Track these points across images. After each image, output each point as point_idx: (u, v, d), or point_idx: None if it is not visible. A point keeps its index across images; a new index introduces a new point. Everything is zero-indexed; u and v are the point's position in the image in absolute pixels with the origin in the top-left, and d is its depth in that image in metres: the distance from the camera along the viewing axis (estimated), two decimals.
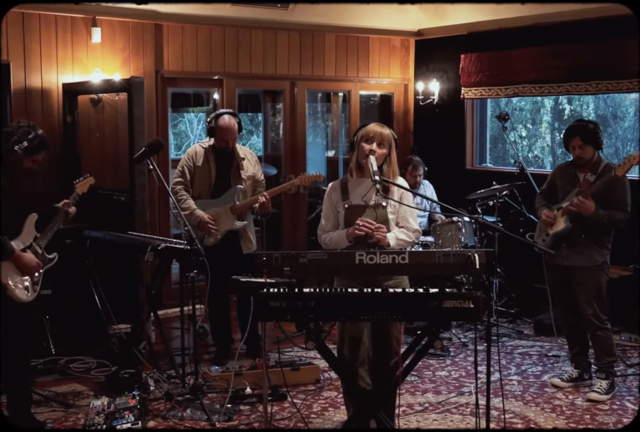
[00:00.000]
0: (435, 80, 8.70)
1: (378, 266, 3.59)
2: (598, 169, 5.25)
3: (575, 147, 5.28)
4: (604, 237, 5.29)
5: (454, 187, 7.56)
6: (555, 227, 5.35)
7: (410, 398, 5.28)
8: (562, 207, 5.32)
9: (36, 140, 4.50)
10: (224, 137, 5.74)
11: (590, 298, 5.26)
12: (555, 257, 5.32)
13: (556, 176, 5.56)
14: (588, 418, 4.92)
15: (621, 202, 5.21)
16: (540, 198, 5.65)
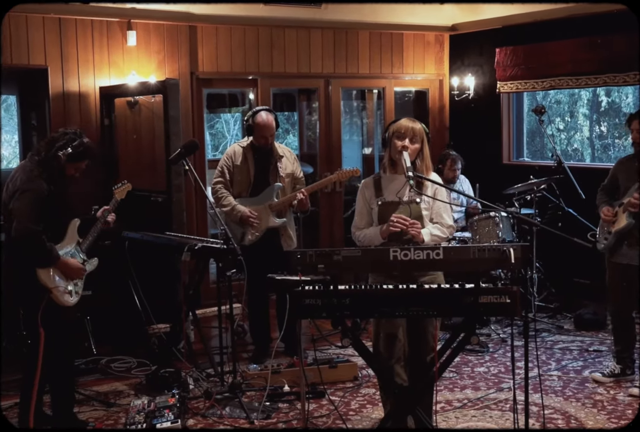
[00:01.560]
0: (471, 75, 8.65)
1: (412, 262, 3.58)
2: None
3: (634, 130, 5.19)
4: None
5: (491, 182, 7.51)
6: (617, 224, 5.21)
7: (449, 394, 5.26)
8: (624, 204, 5.18)
9: (80, 148, 4.51)
10: (263, 133, 5.76)
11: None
12: (616, 255, 5.22)
13: (617, 171, 5.39)
14: (630, 413, 4.86)
15: None
16: (602, 194, 5.49)
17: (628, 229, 5.14)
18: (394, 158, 4.23)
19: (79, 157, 4.52)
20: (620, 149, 10.94)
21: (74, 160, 4.51)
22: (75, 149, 4.47)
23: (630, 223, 5.11)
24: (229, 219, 5.84)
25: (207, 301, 6.87)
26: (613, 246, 5.20)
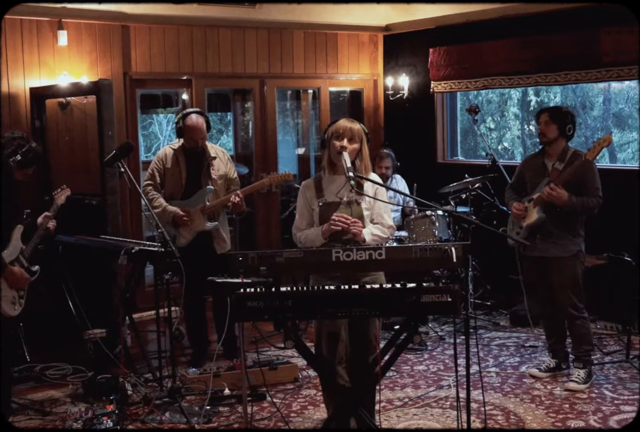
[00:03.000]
0: (405, 74, 8.70)
1: (355, 262, 3.58)
2: (566, 157, 5.27)
3: (541, 123, 5.35)
4: (577, 226, 5.31)
5: (426, 181, 7.57)
6: (528, 219, 5.35)
7: (390, 393, 5.27)
8: (534, 199, 5.32)
9: (30, 154, 4.39)
10: (193, 136, 5.70)
11: (567, 288, 5.28)
12: (530, 249, 5.33)
13: (524, 168, 5.57)
14: (567, 407, 4.95)
15: (592, 189, 5.22)
16: (510, 192, 5.65)
17: (539, 223, 5.27)
18: (333, 159, 4.23)
19: (28, 164, 4.42)
20: None
21: (23, 167, 4.39)
22: (24, 156, 4.36)
23: (541, 217, 5.25)
24: (161, 220, 5.76)
25: (143, 304, 6.77)
26: (525, 240, 5.30)
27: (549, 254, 5.29)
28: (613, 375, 5.50)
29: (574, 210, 5.20)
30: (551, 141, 5.32)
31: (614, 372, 5.56)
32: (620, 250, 6.17)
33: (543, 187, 5.23)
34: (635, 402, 4.98)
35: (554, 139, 5.31)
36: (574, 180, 5.16)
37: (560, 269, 5.29)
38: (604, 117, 10.59)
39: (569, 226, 5.28)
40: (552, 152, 5.35)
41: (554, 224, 5.26)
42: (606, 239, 6.52)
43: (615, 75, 6.80)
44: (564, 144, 5.33)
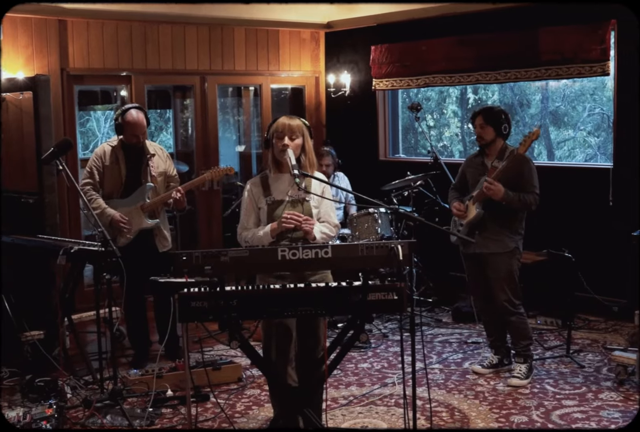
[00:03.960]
0: (347, 72, 8.70)
1: (301, 261, 3.55)
2: (504, 155, 5.31)
3: (477, 126, 5.40)
4: (516, 223, 5.36)
5: (368, 179, 7.58)
6: (468, 216, 5.39)
7: (335, 392, 5.25)
8: (473, 196, 5.36)
9: None
10: (133, 132, 5.61)
11: (503, 284, 5.33)
12: (469, 245, 5.37)
13: (466, 168, 5.60)
14: (510, 403, 4.99)
15: (529, 185, 5.28)
16: (453, 192, 5.68)
17: (478, 219, 5.32)
18: (278, 158, 4.18)
19: None
20: None
21: None
22: None
23: (480, 213, 5.30)
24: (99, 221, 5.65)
25: (82, 305, 6.63)
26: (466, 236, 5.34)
27: (486, 250, 5.34)
28: (554, 370, 5.57)
29: (512, 205, 5.24)
30: (489, 143, 5.37)
31: (555, 367, 5.64)
32: (559, 246, 6.25)
33: (482, 185, 5.27)
34: (576, 396, 5.05)
35: (492, 140, 5.36)
36: (510, 176, 5.20)
37: (496, 265, 5.33)
38: (542, 115, 10.75)
39: (508, 223, 5.33)
40: (491, 151, 5.40)
41: (493, 220, 5.30)
42: (546, 235, 6.61)
43: (554, 73, 6.90)
44: (502, 143, 5.38)
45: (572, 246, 6.23)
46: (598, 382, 5.30)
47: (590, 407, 4.87)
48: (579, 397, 5.04)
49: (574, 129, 11.06)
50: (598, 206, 6.71)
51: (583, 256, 6.27)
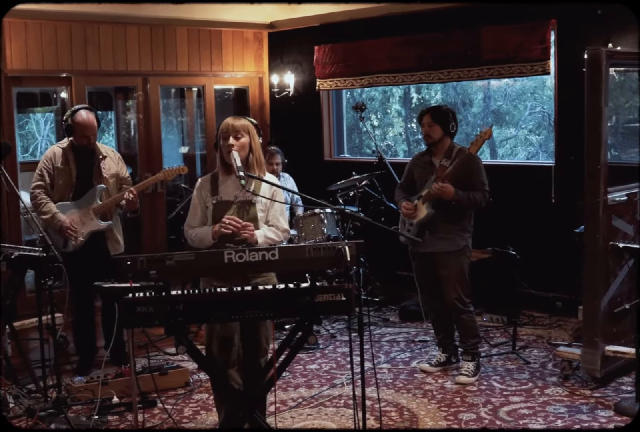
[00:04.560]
0: (290, 72, 8.68)
1: (248, 263, 3.51)
2: (452, 154, 5.35)
3: (424, 124, 5.41)
4: (465, 221, 5.40)
5: (313, 179, 7.56)
6: (418, 215, 5.40)
7: (283, 394, 5.22)
8: (422, 196, 5.37)
9: None
10: (84, 133, 5.52)
11: (454, 282, 5.36)
12: (419, 244, 5.38)
13: (413, 167, 5.61)
14: (458, 400, 5.02)
15: (478, 183, 5.32)
16: (400, 191, 5.68)
17: (429, 219, 5.34)
18: (226, 159, 4.14)
19: None
20: None
21: None
22: None
23: (430, 213, 5.32)
24: (49, 227, 5.54)
25: (24, 311, 6.48)
26: (416, 236, 5.36)
27: (437, 249, 5.36)
28: (501, 366, 5.62)
29: (461, 204, 5.27)
30: (436, 141, 5.40)
31: (501, 363, 5.69)
32: (504, 244, 6.31)
33: (431, 184, 5.29)
34: (523, 392, 5.10)
35: (439, 138, 5.39)
36: (460, 175, 5.23)
37: (447, 264, 5.36)
38: (484, 114, 10.86)
39: (457, 221, 5.36)
40: (438, 150, 5.42)
41: (443, 219, 5.33)
42: (490, 233, 6.66)
43: (496, 73, 6.97)
44: (449, 141, 5.41)
45: (516, 243, 6.30)
46: (544, 377, 5.37)
47: (536, 403, 4.92)
48: (525, 393, 5.09)
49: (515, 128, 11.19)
50: (541, 204, 6.79)
51: (527, 253, 6.35)
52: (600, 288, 5.03)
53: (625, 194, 5.18)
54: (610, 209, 5.02)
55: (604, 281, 5.04)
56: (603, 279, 5.04)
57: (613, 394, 5.01)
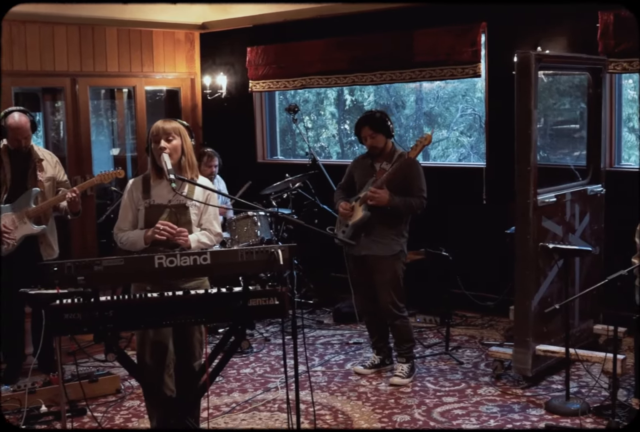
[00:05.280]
0: (223, 73, 8.61)
1: (179, 268, 3.45)
2: (393, 157, 5.33)
3: (366, 137, 5.35)
4: (401, 226, 5.39)
5: (247, 181, 7.51)
6: (354, 217, 5.38)
7: (217, 400, 5.17)
8: (360, 198, 5.36)
9: None
10: (15, 136, 5.38)
11: (388, 287, 5.35)
12: (354, 247, 5.37)
13: (353, 168, 5.58)
14: (392, 402, 5.03)
15: (416, 189, 5.32)
16: (339, 192, 5.65)
17: (364, 221, 5.32)
18: (158, 163, 4.07)
19: None
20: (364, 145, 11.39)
21: None
22: None
23: (366, 215, 5.30)
24: None
25: None
26: (351, 238, 5.36)
27: (372, 253, 5.35)
28: (434, 367, 5.66)
29: (397, 210, 5.27)
30: (383, 149, 5.37)
31: (434, 364, 5.72)
32: (437, 245, 6.36)
33: (369, 187, 5.27)
34: (456, 393, 5.14)
35: (385, 145, 5.36)
36: (398, 180, 5.22)
37: (381, 268, 5.35)
38: (417, 116, 10.93)
39: (394, 225, 5.35)
40: (381, 154, 5.39)
41: (379, 222, 5.31)
42: (423, 234, 6.70)
43: (428, 75, 7.02)
44: (390, 145, 5.40)
45: (448, 245, 6.35)
46: (476, 377, 5.42)
47: (469, 403, 4.96)
48: (458, 394, 5.13)
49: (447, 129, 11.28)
50: (472, 205, 6.86)
51: (459, 254, 6.40)
52: (530, 288, 5.10)
53: (554, 195, 5.27)
54: (540, 210, 5.10)
55: (534, 281, 5.12)
56: (533, 279, 5.11)
57: (544, 392, 5.08)
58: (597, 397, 4.94)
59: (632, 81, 9.06)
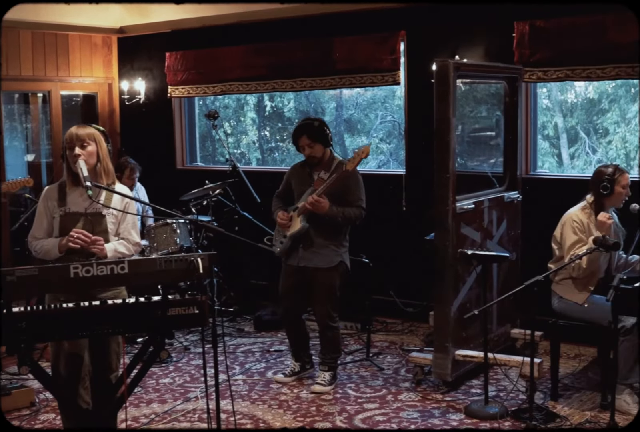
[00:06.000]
0: (141, 79, 8.48)
1: (96, 278, 3.36)
2: (331, 166, 5.28)
3: (304, 146, 5.27)
4: (341, 236, 5.34)
5: (166, 188, 7.42)
6: (292, 228, 5.31)
7: (135, 411, 5.06)
8: (298, 208, 5.29)
9: None
10: None
11: (324, 298, 5.32)
12: (291, 258, 5.34)
13: (291, 176, 5.50)
14: (314, 410, 5.01)
15: (355, 199, 5.28)
16: (277, 200, 5.56)
17: (303, 233, 5.28)
18: (73, 170, 3.98)
19: None
20: (284, 151, 11.42)
21: None
22: None
23: (305, 226, 5.24)
24: None
25: None
26: (289, 249, 5.33)
27: (311, 264, 5.29)
28: (355, 374, 5.67)
29: (335, 220, 5.22)
30: (321, 158, 5.32)
31: (356, 371, 5.73)
32: (358, 252, 6.37)
33: (307, 196, 5.21)
34: (377, 399, 5.15)
35: (323, 154, 5.32)
36: (337, 190, 5.18)
37: (320, 280, 5.30)
38: (337, 123, 10.98)
39: (332, 236, 5.30)
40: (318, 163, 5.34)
41: (318, 233, 5.26)
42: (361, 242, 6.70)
43: (348, 82, 7.06)
44: (329, 153, 5.34)
45: (369, 251, 6.37)
46: (397, 383, 5.44)
47: (390, 409, 4.98)
48: (379, 400, 5.15)
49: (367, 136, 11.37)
50: (392, 212, 6.91)
51: (380, 261, 6.43)
52: (450, 294, 5.15)
53: (472, 202, 5.34)
54: (459, 217, 5.16)
55: (453, 287, 5.17)
56: (453, 285, 5.16)
57: (463, 397, 5.14)
58: (515, 401, 5.02)
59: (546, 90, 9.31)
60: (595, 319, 4.89)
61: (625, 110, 9.60)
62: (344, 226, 5.33)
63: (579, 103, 10.27)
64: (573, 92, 10.19)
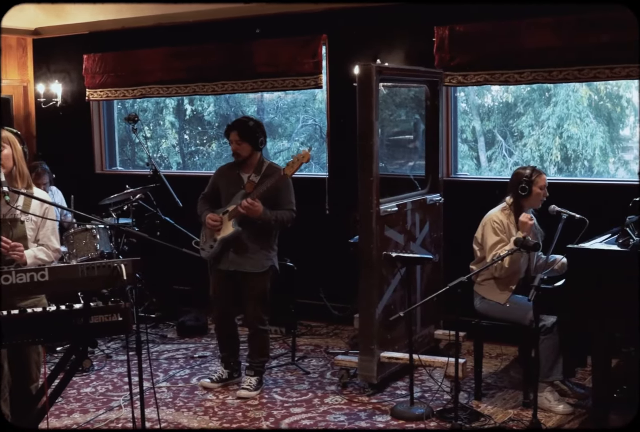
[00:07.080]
0: (58, 81, 8.29)
1: (15, 286, 3.25)
2: (262, 169, 5.25)
3: (232, 141, 5.25)
4: (271, 239, 5.32)
5: (85, 193, 7.26)
6: (223, 231, 5.23)
7: (56, 422, 4.93)
8: (229, 211, 5.23)
9: None
10: None
11: (255, 302, 5.29)
12: (222, 262, 5.28)
13: (218, 178, 5.44)
14: (240, 416, 4.97)
15: (286, 202, 5.25)
16: (203, 202, 5.46)
17: (235, 236, 5.23)
18: None
19: None
20: (205, 155, 11.34)
21: None
22: None
23: (237, 230, 5.19)
24: None
25: None
26: (219, 253, 5.27)
27: (241, 269, 5.24)
28: (281, 378, 5.64)
29: (268, 223, 5.19)
30: (246, 158, 5.28)
31: (281, 375, 5.71)
32: (282, 256, 6.34)
33: (239, 200, 5.15)
34: (304, 403, 5.14)
35: (249, 155, 5.27)
36: (268, 194, 5.13)
37: (251, 284, 5.27)
38: None
39: (263, 240, 5.27)
40: (247, 165, 5.29)
41: (249, 237, 5.21)
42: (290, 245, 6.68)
43: (270, 86, 7.04)
44: (258, 156, 5.30)
45: (293, 255, 6.35)
46: (323, 387, 5.44)
47: (317, 413, 4.98)
48: (306, 404, 5.14)
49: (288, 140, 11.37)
50: (315, 215, 6.90)
51: (304, 264, 6.42)
52: (374, 296, 5.18)
53: (396, 204, 5.38)
54: (383, 219, 5.19)
55: (378, 290, 5.20)
56: (377, 287, 5.19)
57: (389, 399, 5.17)
58: (440, 401, 5.07)
59: (463, 94, 9.47)
60: (517, 318, 4.98)
61: (539, 113, 9.83)
62: (275, 228, 5.31)
63: (495, 107, 10.48)
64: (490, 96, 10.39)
